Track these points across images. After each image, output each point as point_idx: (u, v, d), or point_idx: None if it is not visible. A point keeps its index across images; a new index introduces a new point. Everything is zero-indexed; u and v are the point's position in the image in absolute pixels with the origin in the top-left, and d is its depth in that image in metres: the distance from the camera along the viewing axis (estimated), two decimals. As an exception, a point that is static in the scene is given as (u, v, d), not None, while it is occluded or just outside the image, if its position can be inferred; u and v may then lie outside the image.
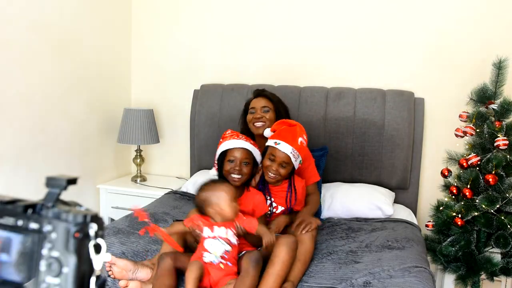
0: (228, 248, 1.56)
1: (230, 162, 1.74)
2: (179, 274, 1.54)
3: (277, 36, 2.76)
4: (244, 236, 1.66)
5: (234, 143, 1.75)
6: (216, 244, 1.54)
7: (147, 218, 1.44)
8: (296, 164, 1.83)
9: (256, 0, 2.77)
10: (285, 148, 1.77)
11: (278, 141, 1.79)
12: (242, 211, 1.68)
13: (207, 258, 1.53)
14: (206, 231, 1.57)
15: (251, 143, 1.80)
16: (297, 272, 1.63)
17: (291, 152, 1.78)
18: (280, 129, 1.85)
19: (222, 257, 1.53)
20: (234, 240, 1.57)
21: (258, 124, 2.07)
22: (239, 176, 1.73)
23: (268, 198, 1.89)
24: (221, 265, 1.52)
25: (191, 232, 1.62)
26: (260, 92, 2.17)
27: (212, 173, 1.85)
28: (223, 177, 1.78)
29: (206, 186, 1.62)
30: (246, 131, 2.14)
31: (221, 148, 1.78)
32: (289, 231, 1.83)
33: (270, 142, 1.82)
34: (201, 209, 1.61)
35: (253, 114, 2.10)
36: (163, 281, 1.47)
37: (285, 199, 1.89)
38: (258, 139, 2.07)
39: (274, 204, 1.90)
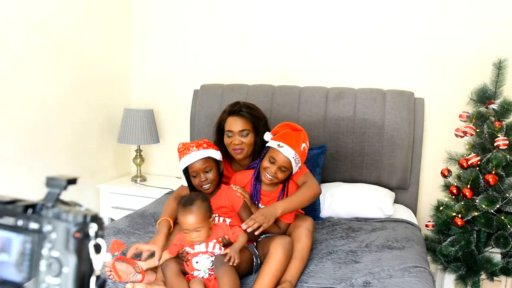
0: (212, 258, 1.55)
1: (194, 177, 1.75)
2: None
3: (277, 36, 2.76)
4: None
5: (189, 158, 1.73)
6: (201, 259, 1.55)
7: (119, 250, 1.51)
8: (295, 169, 1.78)
9: (256, 0, 2.77)
10: (288, 152, 1.71)
11: (282, 144, 1.73)
12: (222, 210, 1.74)
13: (198, 275, 1.53)
14: (191, 249, 1.58)
15: (204, 148, 1.75)
16: (294, 270, 1.60)
17: (293, 157, 1.72)
18: (285, 132, 1.79)
19: (211, 270, 1.53)
20: (217, 250, 1.56)
21: (238, 152, 1.90)
22: (208, 185, 1.74)
23: (256, 202, 1.84)
24: (212, 277, 1.52)
25: (180, 256, 1.61)
26: (236, 111, 1.92)
27: (183, 182, 1.89)
28: (194, 189, 1.79)
29: (179, 210, 1.57)
30: (224, 151, 1.95)
31: (181, 166, 1.78)
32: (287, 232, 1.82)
33: (272, 144, 1.76)
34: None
35: (231, 139, 1.90)
36: (179, 286, 1.47)
37: None
38: (239, 160, 1.99)
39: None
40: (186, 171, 1.77)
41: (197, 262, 1.54)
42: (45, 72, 2.39)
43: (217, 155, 1.79)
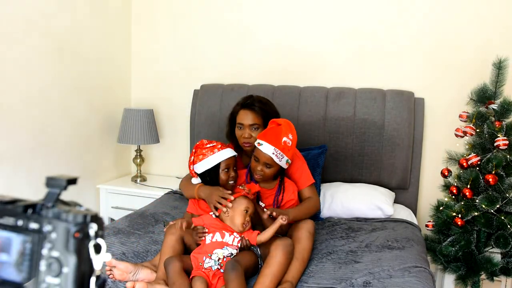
0: (234, 252, 1.60)
1: (226, 171, 1.82)
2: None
3: (277, 36, 2.76)
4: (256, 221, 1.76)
5: (224, 154, 1.82)
6: (224, 250, 1.58)
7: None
8: (283, 164, 1.80)
9: (256, 0, 2.77)
10: (267, 149, 1.76)
11: (261, 141, 1.78)
12: None
13: (207, 263, 1.54)
14: (215, 236, 1.61)
15: (227, 146, 1.89)
16: (295, 271, 1.61)
17: (273, 153, 1.75)
18: (267, 129, 1.83)
19: (222, 261, 1.55)
20: (236, 243, 1.62)
21: (247, 145, 1.97)
22: (233, 182, 1.85)
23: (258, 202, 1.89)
24: (217, 271, 1.54)
25: (192, 234, 1.65)
26: (249, 104, 1.98)
27: (196, 182, 1.90)
28: (216, 185, 1.83)
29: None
30: (235, 143, 2.06)
31: (212, 161, 1.81)
32: (288, 233, 1.83)
33: (255, 142, 1.84)
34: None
35: (242, 131, 1.97)
36: (180, 285, 1.47)
37: (272, 202, 1.87)
38: (248, 153, 2.04)
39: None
40: (213, 167, 1.81)
41: (216, 251, 1.57)
42: (45, 72, 2.39)
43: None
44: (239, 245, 1.62)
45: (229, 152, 1.84)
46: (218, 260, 1.55)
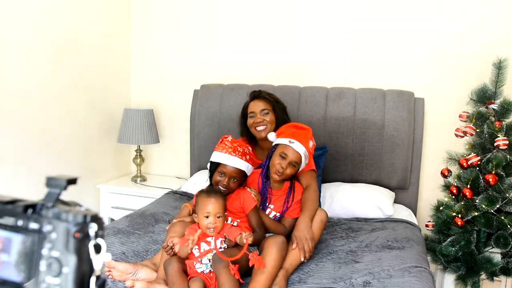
0: None
1: (220, 175, 1.75)
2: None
3: (277, 36, 2.76)
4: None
5: (229, 160, 1.74)
6: (213, 253, 1.57)
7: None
8: (303, 166, 1.85)
9: (256, 0, 2.77)
10: (299, 147, 1.79)
11: (293, 140, 1.80)
12: (231, 211, 1.75)
13: (199, 268, 1.55)
14: (201, 247, 1.58)
15: (246, 160, 1.77)
16: (294, 258, 1.63)
17: (303, 153, 1.79)
18: (292, 131, 1.87)
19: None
20: (223, 246, 1.62)
21: (260, 127, 2.06)
22: (225, 189, 1.75)
23: (267, 203, 1.87)
24: (211, 274, 1.54)
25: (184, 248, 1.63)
26: (257, 94, 2.14)
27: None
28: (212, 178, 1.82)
29: (202, 196, 1.61)
30: (248, 136, 2.15)
31: (215, 157, 1.78)
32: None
33: (283, 141, 1.82)
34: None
35: (253, 118, 2.08)
36: (179, 286, 1.48)
37: (282, 204, 1.86)
38: (261, 142, 2.11)
39: (268, 210, 1.88)
40: (215, 163, 1.78)
41: (207, 258, 1.56)
42: (45, 72, 2.39)
43: (249, 170, 1.81)
44: (222, 246, 1.60)
45: (231, 161, 1.73)
46: (209, 262, 1.54)
